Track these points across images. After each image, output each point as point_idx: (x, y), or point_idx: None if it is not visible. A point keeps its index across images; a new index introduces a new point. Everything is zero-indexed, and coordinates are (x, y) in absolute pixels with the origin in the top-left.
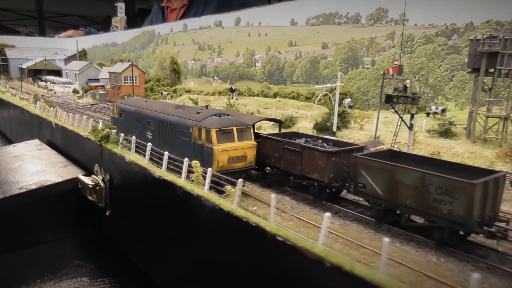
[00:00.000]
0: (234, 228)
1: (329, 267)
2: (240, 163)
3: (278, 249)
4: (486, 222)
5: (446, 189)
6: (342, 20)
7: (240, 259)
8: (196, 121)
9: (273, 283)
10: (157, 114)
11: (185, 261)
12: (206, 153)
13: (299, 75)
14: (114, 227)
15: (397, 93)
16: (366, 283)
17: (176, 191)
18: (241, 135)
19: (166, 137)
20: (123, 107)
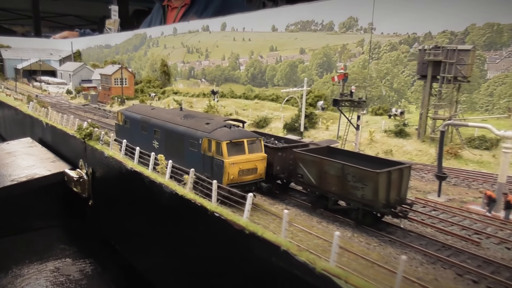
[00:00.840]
0: (185, 208)
1: (247, 233)
2: (250, 175)
3: (215, 222)
4: (392, 205)
5: (359, 178)
6: (318, 27)
7: (189, 232)
8: (205, 132)
9: (213, 248)
10: (165, 123)
11: (152, 240)
12: (216, 165)
13: (279, 78)
14: (96, 215)
15: (343, 97)
16: (272, 244)
17: (144, 180)
18: (252, 147)
19: (174, 147)
20: (128, 114)
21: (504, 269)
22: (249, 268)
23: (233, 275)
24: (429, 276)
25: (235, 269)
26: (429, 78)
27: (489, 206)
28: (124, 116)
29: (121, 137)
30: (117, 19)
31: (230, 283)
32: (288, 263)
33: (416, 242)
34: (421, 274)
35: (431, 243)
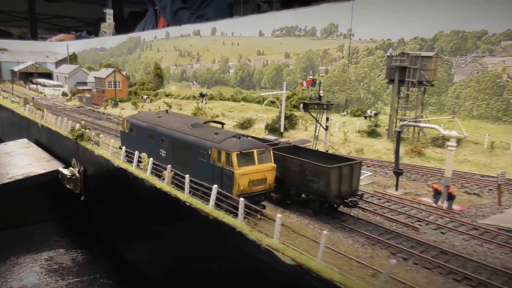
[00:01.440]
0: (163, 199)
1: (211, 219)
2: (260, 186)
3: (187, 210)
4: (343, 196)
5: (314, 172)
6: (301, 33)
7: (167, 221)
8: (215, 142)
9: (187, 234)
10: (172, 132)
11: (138, 231)
12: (226, 176)
13: (266, 81)
14: (88, 210)
15: (311, 101)
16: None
17: (128, 176)
18: (261, 157)
19: (182, 156)
20: (134, 122)
21: (433, 249)
22: (215, 248)
23: (205, 256)
24: (366, 255)
25: (205, 251)
26: (396, 82)
27: (435, 197)
28: (130, 124)
29: (126, 145)
30: (112, 23)
31: (203, 263)
32: (241, 241)
33: (363, 228)
34: (360, 253)
35: (376, 229)
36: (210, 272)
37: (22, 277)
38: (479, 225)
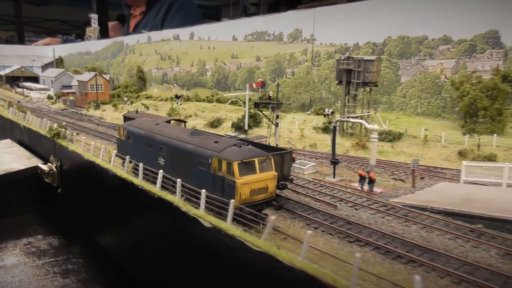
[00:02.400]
0: (124, 186)
1: (157, 198)
2: (261, 195)
3: (139, 193)
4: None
5: None
6: (270, 37)
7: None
8: (215, 151)
9: (139, 212)
10: (171, 140)
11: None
12: (228, 186)
13: (240, 83)
14: (65, 200)
15: (261, 101)
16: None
17: (95, 168)
18: (262, 166)
19: (181, 165)
20: (131, 129)
21: (341, 220)
22: (161, 223)
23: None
24: (286, 225)
25: (153, 225)
26: (344, 83)
27: (360, 182)
28: (127, 131)
29: (123, 153)
30: (97, 27)
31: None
32: (177, 213)
33: (290, 206)
34: (279, 224)
35: (301, 207)
36: (159, 243)
37: (3, 258)
38: (389, 203)
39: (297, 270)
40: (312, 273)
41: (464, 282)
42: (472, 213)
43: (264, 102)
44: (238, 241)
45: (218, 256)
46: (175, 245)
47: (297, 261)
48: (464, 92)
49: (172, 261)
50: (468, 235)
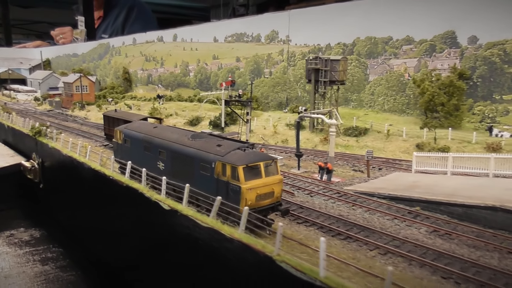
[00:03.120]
0: (104, 182)
1: (125, 186)
2: (267, 200)
3: (110, 183)
4: None
5: None
6: (249, 39)
7: (104, 197)
8: (218, 155)
9: (122, 209)
10: (171, 144)
11: (86, 209)
12: (232, 191)
13: (220, 83)
14: (46, 195)
15: (231, 99)
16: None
17: (73, 162)
18: (267, 170)
19: (182, 170)
20: (128, 132)
21: (295, 205)
22: (130, 211)
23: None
24: None
25: (132, 219)
26: (313, 82)
27: (319, 173)
28: (124, 135)
29: (120, 157)
30: (84, 29)
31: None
32: (145, 202)
33: None
34: None
35: None
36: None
37: None
38: (342, 191)
39: (235, 240)
40: (246, 241)
41: (389, 253)
42: (412, 197)
43: (233, 100)
44: (191, 220)
45: (176, 236)
46: (142, 230)
47: (236, 233)
48: (424, 89)
49: (141, 245)
50: (405, 216)
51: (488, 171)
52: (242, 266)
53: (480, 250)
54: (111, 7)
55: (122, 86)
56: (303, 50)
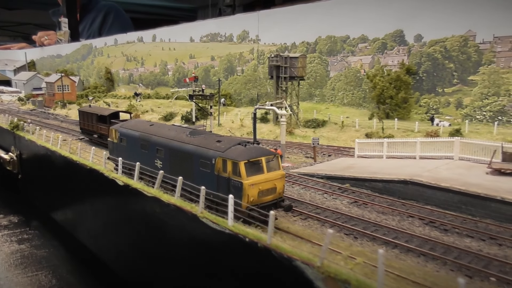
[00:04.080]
0: (72, 167)
1: (92, 169)
2: (270, 196)
3: (76, 167)
4: None
5: None
6: (222, 38)
7: (80, 184)
8: (219, 151)
9: (100, 197)
10: (169, 141)
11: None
12: (234, 187)
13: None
14: (24, 185)
15: (194, 93)
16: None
17: (47, 151)
18: (269, 165)
19: (181, 167)
20: (124, 131)
21: None
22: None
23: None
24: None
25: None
26: (275, 78)
27: None
28: (120, 134)
29: (116, 156)
30: (67, 31)
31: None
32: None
33: None
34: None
35: None
36: (94, 208)
37: None
38: (288, 173)
39: (171, 204)
40: (179, 205)
41: (309, 218)
42: (344, 175)
43: (196, 94)
44: (139, 192)
45: (128, 206)
46: (104, 205)
47: (172, 199)
48: (375, 83)
49: (104, 219)
50: (335, 191)
51: (415, 153)
52: (177, 224)
53: (386, 215)
54: (86, 11)
55: (105, 85)
56: (271, 49)
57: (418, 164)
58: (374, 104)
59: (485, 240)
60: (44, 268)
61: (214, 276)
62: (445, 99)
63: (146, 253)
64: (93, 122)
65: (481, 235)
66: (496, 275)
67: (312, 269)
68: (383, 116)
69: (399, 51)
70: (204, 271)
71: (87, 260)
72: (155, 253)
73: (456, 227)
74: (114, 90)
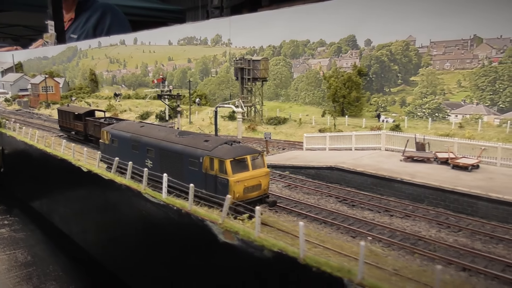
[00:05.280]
0: (47, 159)
1: (60, 157)
2: (255, 192)
3: (57, 162)
4: None
5: None
6: (198, 42)
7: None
8: (206, 150)
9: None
10: (159, 141)
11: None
12: (221, 184)
13: (175, 82)
14: (7, 178)
15: (163, 93)
16: (101, 177)
17: (26, 146)
18: (254, 163)
19: (170, 166)
20: (115, 132)
21: None
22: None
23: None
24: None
25: (69, 187)
26: (240, 79)
27: None
28: (111, 135)
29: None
30: (54, 33)
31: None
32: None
33: None
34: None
35: None
36: (68, 196)
37: None
38: None
39: (123, 184)
40: (128, 184)
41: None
42: (285, 164)
43: (164, 94)
44: (99, 176)
45: (92, 192)
46: (72, 191)
47: (124, 180)
48: (331, 84)
49: (74, 204)
50: (275, 177)
51: (351, 146)
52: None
53: (310, 195)
54: (82, 10)
55: (89, 86)
56: (242, 52)
57: (350, 154)
58: (330, 103)
59: (381, 212)
60: (21, 247)
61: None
62: (391, 98)
63: (106, 229)
64: (70, 120)
65: (379, 209)
66: (375, 236)
67: (216, 226)
68: (339, 114)
69: (352, 55)
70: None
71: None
72: (112, 228)
73: (362, 203)
74: (98, 91)
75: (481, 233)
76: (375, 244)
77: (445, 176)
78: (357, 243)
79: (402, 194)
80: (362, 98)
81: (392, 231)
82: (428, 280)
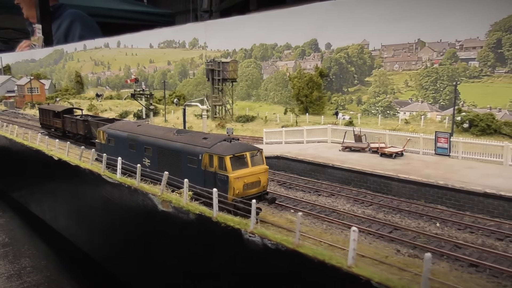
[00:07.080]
0: (31, 153)
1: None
2: (254, 189)
3: (43, 157)
4: None
5: None
6: (177, 45)
7: (41, 171)
8: (205, 147)
9: (53, 175)
10: (157, 140)
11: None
12: (220, 181)
13: (156, 83)
14: None
15: (135, 92)
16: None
17: (14, 142)
18: (253, 159)
19: (169, 164)
20: (112, 132)
21: None
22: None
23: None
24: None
25: (56, 181)
26: (211, 80)
27: None
28: (107, 135)
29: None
30: (41, 36)
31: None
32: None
33: None
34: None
35: None
36: (54, 190)
37: None
38: None
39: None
40: (108, 175)
41: None
42: None
43: (137, 93)
44: (67, 163)
45: (61, 179)
46: (47, 179)
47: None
48: (295, 84)
49: (49, 191)
50: None
51: (303, 139)
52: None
53: None
54: (53, 18)
55: (75, 88)
56: (217, 54)
57: (300, 146)
58: (295, 101)
59: (311, 193)
60: (0, 231)
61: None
62: (349, 97)
63: (74, 210)
64: (49, 117)
65: (311, 190)
66: (298, 209)
67: (156, 197)
68: (303, 112)
69: (314, 57)
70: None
71: (37, 225)
72: (80, 210)
73: (298, 186)
74: (84, 92)
75: (386, 206)
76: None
77: (371, 162)
78: (281, 215)
79: (334, 178)
80: (323, 97)
81: (314, 206)
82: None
